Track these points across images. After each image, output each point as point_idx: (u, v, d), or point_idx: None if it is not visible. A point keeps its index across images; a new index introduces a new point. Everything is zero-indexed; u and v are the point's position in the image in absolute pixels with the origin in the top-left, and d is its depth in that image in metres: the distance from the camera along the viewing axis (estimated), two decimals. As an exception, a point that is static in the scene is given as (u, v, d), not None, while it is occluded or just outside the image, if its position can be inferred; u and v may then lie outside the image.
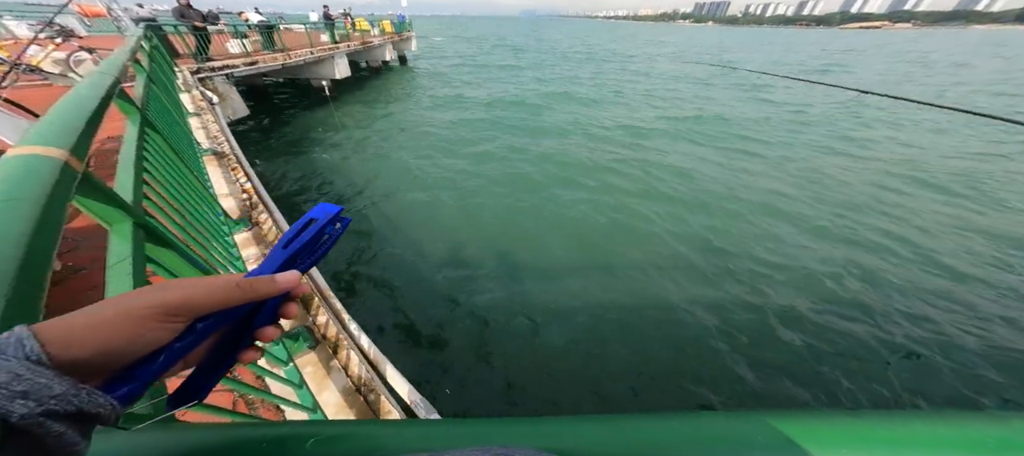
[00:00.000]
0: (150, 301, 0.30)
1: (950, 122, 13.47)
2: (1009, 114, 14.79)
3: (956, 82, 22.65)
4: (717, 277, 5.03)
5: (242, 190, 3.24)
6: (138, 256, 0.93)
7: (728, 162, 9.09)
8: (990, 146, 10.91)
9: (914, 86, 21.44)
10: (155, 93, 2.66)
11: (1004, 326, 4.33)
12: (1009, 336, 4.19)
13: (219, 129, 4.64)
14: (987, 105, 16.67)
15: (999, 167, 9.23)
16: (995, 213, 7.00)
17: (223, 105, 7.82)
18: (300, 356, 1.89)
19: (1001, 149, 10.68)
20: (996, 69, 28.26)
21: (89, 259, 2.48)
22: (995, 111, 15.12)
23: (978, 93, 19.38)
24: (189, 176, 2.01)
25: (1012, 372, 3.77)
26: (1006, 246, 5.89)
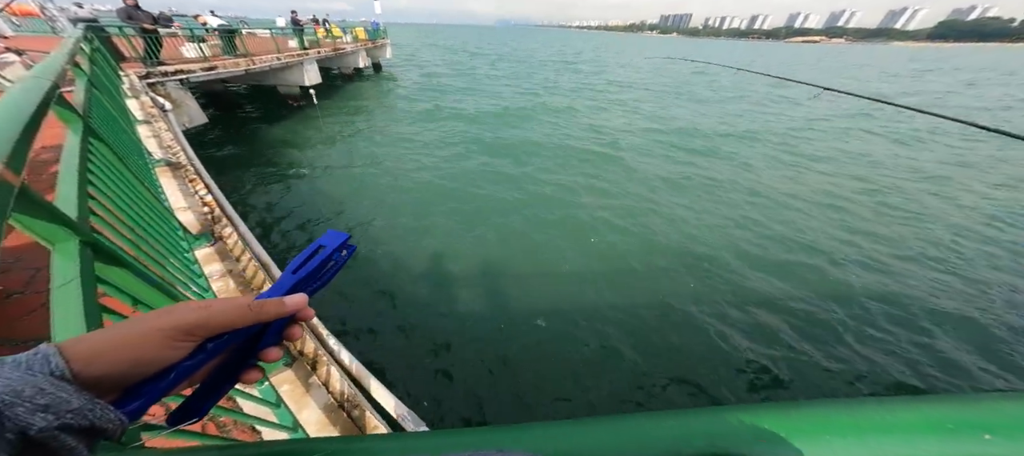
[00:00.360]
0: (170, 321, 0.32)
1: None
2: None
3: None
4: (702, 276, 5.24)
5: (202, 203, 3.02)
6: (87, 277, 0.84)
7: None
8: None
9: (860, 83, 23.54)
10: (98, 99, 2.44)
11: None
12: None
13: (173, 138, 4.32)
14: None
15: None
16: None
17: (178, 112, 7.31)
18: (276, 374, 1.78)
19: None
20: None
21: (22, 282, 2.23)
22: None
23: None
24: (140, 188, 1.85)
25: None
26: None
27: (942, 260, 5.74)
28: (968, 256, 5.80)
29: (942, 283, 5.20)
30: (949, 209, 7.50)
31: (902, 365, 3.90)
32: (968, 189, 8.50)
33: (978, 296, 4.97)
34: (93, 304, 0.80)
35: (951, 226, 6.78)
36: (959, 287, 5.13)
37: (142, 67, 7.88)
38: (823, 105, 17.61)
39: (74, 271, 0.82)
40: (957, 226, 6.77)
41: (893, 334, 4.31)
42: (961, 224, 6.85)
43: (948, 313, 4.65)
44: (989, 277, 5.37)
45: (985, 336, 4.31)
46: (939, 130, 13.98)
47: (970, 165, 10.16)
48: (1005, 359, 4.02)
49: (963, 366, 3.89)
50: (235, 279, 2.30)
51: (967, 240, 6.29)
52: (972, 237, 6.40)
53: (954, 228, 6.69)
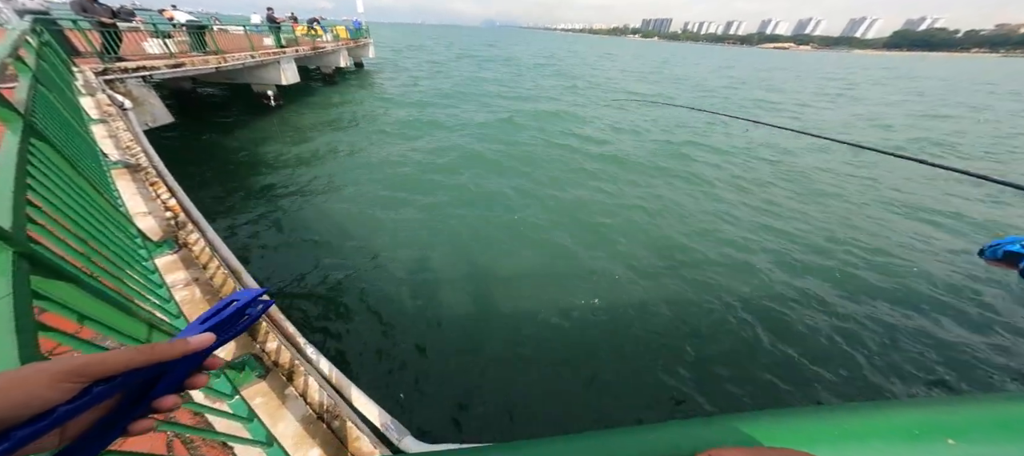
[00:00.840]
0: (58, 363, 0.30)
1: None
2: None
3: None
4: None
5: (165, 207, 2.84)
6: (21, 293, 0.75)
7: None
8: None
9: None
10: (45, 97, 2.25)
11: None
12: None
13: (132, 138, 4.05)
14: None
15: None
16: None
17: (139, 111, 6.87)
18: (247, 387, 1.68)
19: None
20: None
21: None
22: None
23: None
24: (91, 193, 1.72)
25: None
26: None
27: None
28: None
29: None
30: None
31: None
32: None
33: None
34: (28, 322, 0.72)
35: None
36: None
37: (99, 63, 7.37)
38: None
39: (6, 287, 0.74)
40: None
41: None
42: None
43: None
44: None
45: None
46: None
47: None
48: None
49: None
50: (201, 288, 2.17)
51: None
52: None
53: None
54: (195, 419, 1.52)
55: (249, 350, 1.87)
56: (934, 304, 4.94)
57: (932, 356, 4.12)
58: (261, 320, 2.04)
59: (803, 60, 75.60)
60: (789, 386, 3.71)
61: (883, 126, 16.20)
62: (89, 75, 6.51)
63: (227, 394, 1.34)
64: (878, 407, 0.44)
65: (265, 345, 1.92)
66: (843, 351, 4.11)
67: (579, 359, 3.80)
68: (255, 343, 1.92)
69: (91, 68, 6.88)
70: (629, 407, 3.42)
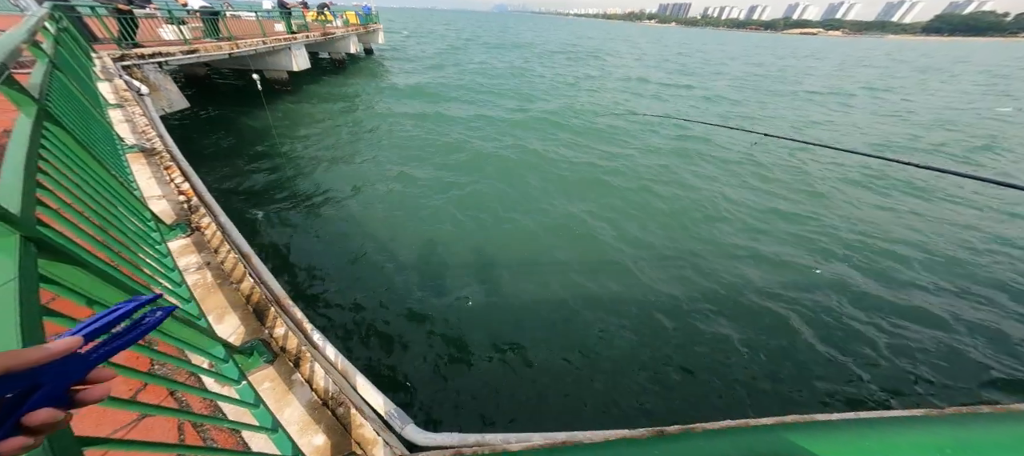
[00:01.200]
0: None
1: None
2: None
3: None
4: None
5: (178, 191, 2.89)
6: (28, 276, 0.76)
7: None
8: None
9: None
10: (61, 82, 2.29)
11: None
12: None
13: (148, 123, 4.12)
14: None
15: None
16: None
17: (155, 97, 6.99)
18: (255, 372, 1.71)
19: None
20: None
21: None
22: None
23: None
24: (106, 177, 1.74)
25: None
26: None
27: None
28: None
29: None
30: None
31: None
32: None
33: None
34: (34, 307, 0.73)
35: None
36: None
37: (116, 49, 7.50)
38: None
39: (12, 271, 0.74)
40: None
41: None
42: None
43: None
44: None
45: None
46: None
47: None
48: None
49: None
50: (213, 272, 2.21)
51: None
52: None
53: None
54: (207, 405, 1.56)
55: (258, 335, 1.90)
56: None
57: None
58: (270, 306, 2.07)
59: (837, 47, 66.75)
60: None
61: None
62: (107, 61, 6.63)
63: (235, 379, 1.36)
64: (908, 421, 0.40)
65: (273, 330, 1.95)
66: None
67: (590, 356, 3.79)
68: (264, 328, 1.95)
69: (109, 54, 7.01)
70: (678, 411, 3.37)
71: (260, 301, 2.08)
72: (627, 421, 3.21)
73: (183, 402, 1.55)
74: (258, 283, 2.22)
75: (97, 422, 1.42)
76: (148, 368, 1.65)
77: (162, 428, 1.45)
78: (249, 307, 2.05)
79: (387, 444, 1.51)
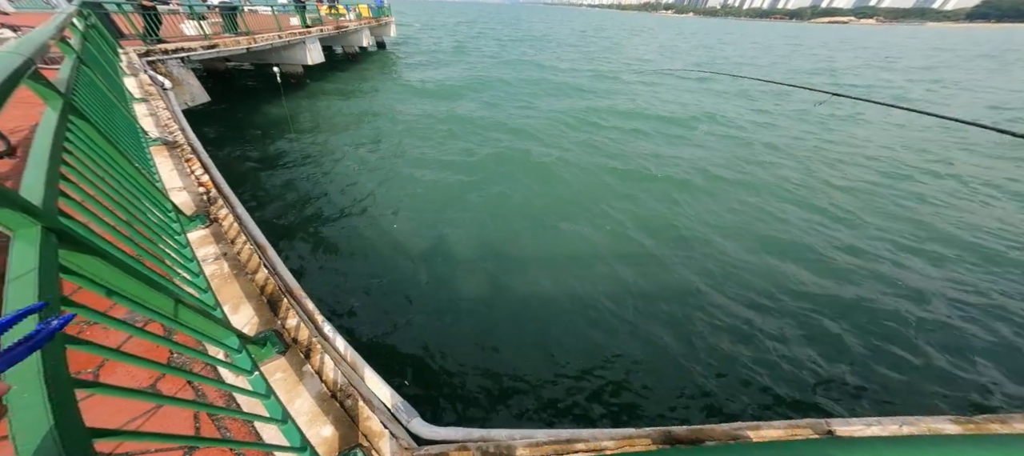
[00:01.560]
0: None
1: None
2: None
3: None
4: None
5: (198, 183, 2.98)
6: (48, 267, 0.78)
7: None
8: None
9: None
10: (88, 77, 2.37)
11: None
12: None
13: (171, 116, 4.26)
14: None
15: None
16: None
17: (179, 91, 7.21)
18: (267, 363, 1.76)
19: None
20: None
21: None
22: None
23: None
24: (129, 170, 1.80)
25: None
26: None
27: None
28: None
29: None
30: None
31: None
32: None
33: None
34: (55, 296, 0.75)
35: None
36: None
37: (141, 45, 7.76)
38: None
39: (33, 261, 0.77)
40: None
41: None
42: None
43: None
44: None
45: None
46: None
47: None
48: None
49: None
50: (229, 262, 2.27)
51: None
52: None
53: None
54: (218, 394, 1.61)
55: (271, 326, 1.95)
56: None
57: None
58: (283, 297, 2.12)
59: (873, 35, 60.18)
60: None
61: None
62: (133, 56, 6.87)
63: (248, 370, 1.39)
64: (947, 440, 0.37)
65: (286, 321, 1.99)
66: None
67: (604, 355, 3.76)
68: (277, 319, 2.00)
69: (135, 49, 7.25)
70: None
71: (274, 292, 2.13)
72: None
73: (200, 392, 1.61)
74: (272, 274, 2.28)
75: (116, 410, 1.48)
76: (166, 359, 1.71)
77: (179, 417, 1.50)
78: (263, 298, 2.10)
79: (393, 437, 1.53)
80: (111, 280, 1.01)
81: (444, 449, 1.54)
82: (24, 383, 0.60)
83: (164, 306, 1.18)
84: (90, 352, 0.77)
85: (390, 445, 1.50)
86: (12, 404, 0.58)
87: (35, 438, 0.55)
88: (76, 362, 1.62)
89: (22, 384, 0.60)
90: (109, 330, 1.76)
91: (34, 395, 0.59)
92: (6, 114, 1.87)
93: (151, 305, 1.11)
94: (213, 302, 1.81)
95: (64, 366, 0.66)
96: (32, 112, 4.10)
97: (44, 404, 0.58)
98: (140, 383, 1.59)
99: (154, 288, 1.16)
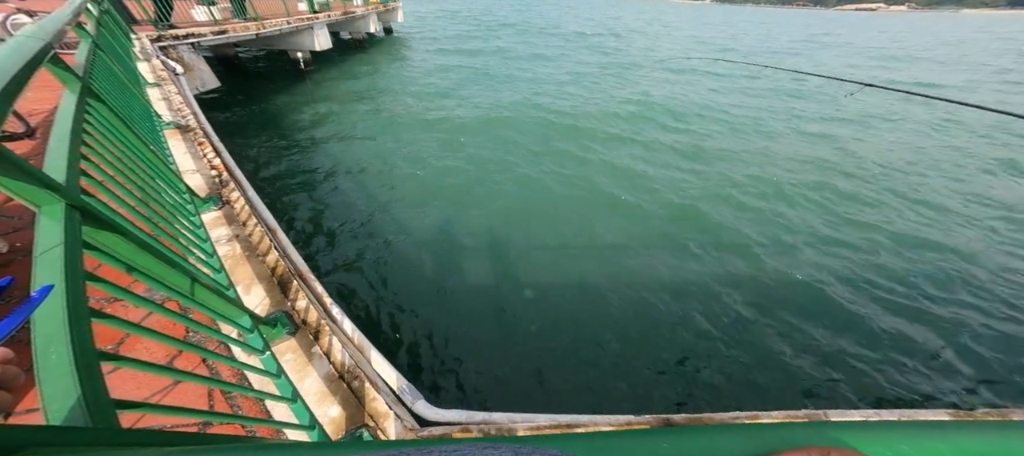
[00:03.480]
0: None
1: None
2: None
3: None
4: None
5: (210, 166, 3.03)
6: (72, 242, 0.82)
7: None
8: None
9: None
10: (103, 61, 2.41)
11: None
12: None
13: (183, 101, 4.31)
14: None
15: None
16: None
17: (190, 76, 7.28)
18: (278, 343, 1.81)
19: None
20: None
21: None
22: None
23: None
24: (145, 151, 1.84)
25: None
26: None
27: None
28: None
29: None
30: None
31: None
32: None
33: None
34: (77, 272, 0.79)
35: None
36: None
37: (154, 30, 7.82)
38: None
39: (58, 236, 0.80)
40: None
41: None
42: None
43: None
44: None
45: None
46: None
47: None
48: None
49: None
50: (241, 244, 2.33)
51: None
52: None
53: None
54: (231, 371, 1.67)
55: (281, 307, 2.00)
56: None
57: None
58: (293, 279, 2.17)
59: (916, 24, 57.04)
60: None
61: None
62: (145, 42, 6.93)
63: (259, 350, 1.44)
64: (942, 426, 0.37)
65: (296, 303, 2.04)
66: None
67: (611, 338, 3.78)
68: (287, 300, 2.05)
69: (147, 35, 7.32)
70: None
71: (284, 274, 2.18)
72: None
73: (214, 370, 1.67)
74: (282, 256, 2.33)
75: (136, 386, 1.55)
76: (183, 336, 1.77)
77: (194, 393, 1.56)
78: (274, 279, 2.15)
79: (398, 418, 1.57)
80: (131, 257, 1.05)
81: (447, 430, 1.59)
82: (51, 354, 0.63)
83: (181, 284, 1.22)
84: (113, 326, 0.81)
85: (395, 425, 1.55)
86: (43, 374, 0.61)
87: (64, 407, 0.58)
88: (99, 338, 1.70)
89: (52, 355, 0.63)
90: (129, 307, 1.82)
91: (62, 366, 0.62)
92: (23, 97, 1.93)
93: (169, 282, 1.15)
94: (226, 282, 1.87)
95: (90, 339, 0.70)
96: (48, 95, 4.19)
97: (72, 375, 0.61)
98: (158, 360, 1.66)
99: (171, 266, 1.20)
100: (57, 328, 0.65)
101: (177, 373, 0.95)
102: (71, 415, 0.57)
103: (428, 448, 0.29)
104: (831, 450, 0.33)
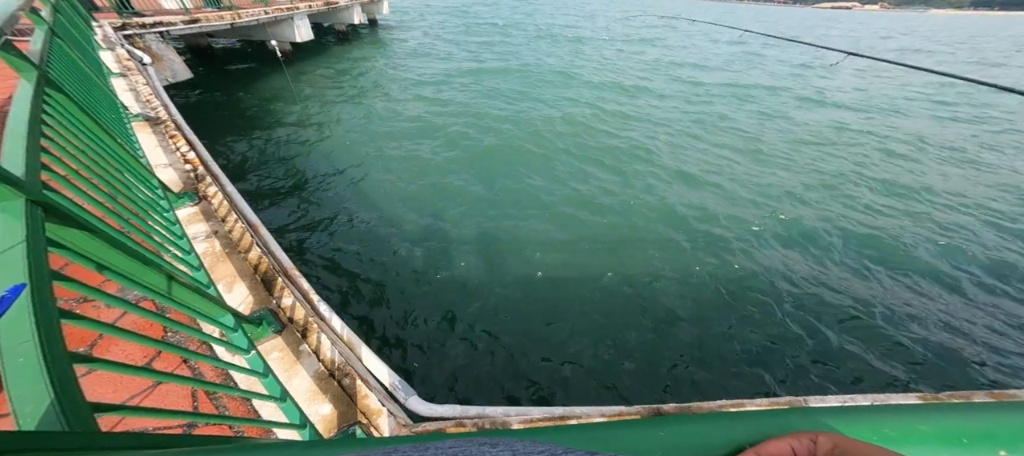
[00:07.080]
0: None
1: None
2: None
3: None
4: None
5: (184, 160, 2.89)
6: (35, 240, 0.76)
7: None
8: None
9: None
10: (62, 49, 2.25)
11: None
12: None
13: (152, 92, 4.09)
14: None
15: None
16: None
17: (159, 67, 6.90)
18: (264, 342, 1.76)
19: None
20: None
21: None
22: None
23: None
24: (111, 144, 1.73)
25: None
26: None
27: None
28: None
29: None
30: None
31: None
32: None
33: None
34: (43, 270, 0.74)
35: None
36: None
37: (117, 18, 7.36)
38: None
39: (19, 234, 0.75)
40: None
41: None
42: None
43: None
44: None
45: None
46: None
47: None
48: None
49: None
50: (221, 241, 2.24)
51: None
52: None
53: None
54: (215, 372, 1.61)
55: (266, 305, 1.94)
56: None
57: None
58: (276, 276, 2.10)
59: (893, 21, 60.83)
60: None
61: None
62: (108, 30, 6.52)
63: (244, 349, 1.39)
64: (920, 410, 0.39)
65: (281, 300, 1.98)
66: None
67: (604, 329, 3.83)
68: (272, 298, 1.99)
69: (110, 22, 6.88)
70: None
71: (268, 271, 2.11)
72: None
73: (196, 370, 1.60)
74: (265, 253, 2.25)
75: (114, 388, 1.48)
76: (161, 336, 1.69)
77: (177, 394, 1.50)
78: (257, 277, 2.08)
79: (391, 414, 1.56)
80: (100, 254, 0.99)
81: (441, 425, 1.58)
82: (19, 357, 0.59)
83: (156, 283, 1.16)
84: (85, 327, 0.76)
85: (388, 422, 1.53)
86: (11, 378, 0.57)
87: (37, 411, 0.55)
88: (70, 340, 1.61)
89: (19, 357, 0.59)
90: (101, 307, 1.73)
91: (32, 369, 0.58)
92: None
93: (143, 281, 1.10)
94: (206, 280, 1.79)
95: (60, 340, 0.66)
96: (4, 85, 3.90)
97: (43, 378, 0.58)
98: (135, 361, 1.58)
99: (145, 264, 1.14)
100: (24, 330, 0.61)
101: (157, 374, 0.91)
102: (45, 419, 0.54)
103: (424, 445, 0.28)
104: (819, 434, 0.34)
